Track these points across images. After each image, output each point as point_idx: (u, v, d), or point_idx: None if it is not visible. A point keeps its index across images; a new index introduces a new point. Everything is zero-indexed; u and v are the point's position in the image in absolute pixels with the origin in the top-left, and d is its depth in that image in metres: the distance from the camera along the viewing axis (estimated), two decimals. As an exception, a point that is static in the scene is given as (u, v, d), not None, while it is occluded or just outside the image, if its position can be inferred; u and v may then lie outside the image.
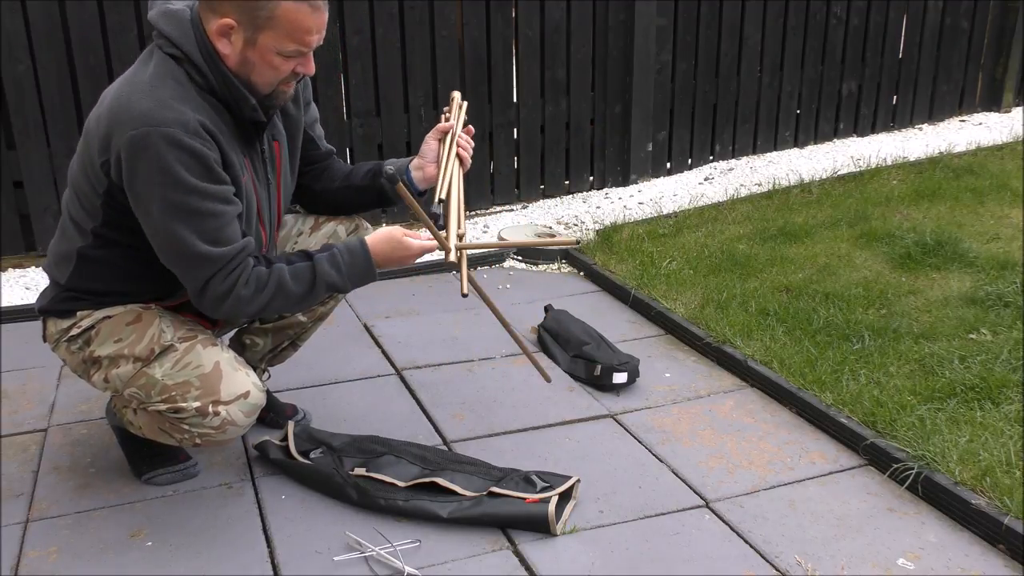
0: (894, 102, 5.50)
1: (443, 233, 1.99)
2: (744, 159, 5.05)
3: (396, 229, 1.98)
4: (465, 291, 1.92)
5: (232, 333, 2.40)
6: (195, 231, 1.80)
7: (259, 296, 1.88)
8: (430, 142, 2.18)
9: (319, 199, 2.27)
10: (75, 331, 1.97)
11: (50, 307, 2.00)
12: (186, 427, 1.93)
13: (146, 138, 1.73)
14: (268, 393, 2.49)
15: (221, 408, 1.90)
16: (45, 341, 2.06)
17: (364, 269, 1.96)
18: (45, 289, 2.05)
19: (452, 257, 1.94)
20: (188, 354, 1.92)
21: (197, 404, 1.90)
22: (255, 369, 2.39)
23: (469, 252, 2.14)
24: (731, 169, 4.89)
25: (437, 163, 2.15)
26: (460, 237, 2.00)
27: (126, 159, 1.76)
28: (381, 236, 1.98)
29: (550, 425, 2.48)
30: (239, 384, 1.93)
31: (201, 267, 1.83)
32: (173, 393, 1.90)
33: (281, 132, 2.09)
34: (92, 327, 1.96)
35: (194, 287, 1.87)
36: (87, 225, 1.91)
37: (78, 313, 1.97)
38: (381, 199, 2.23)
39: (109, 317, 1.96)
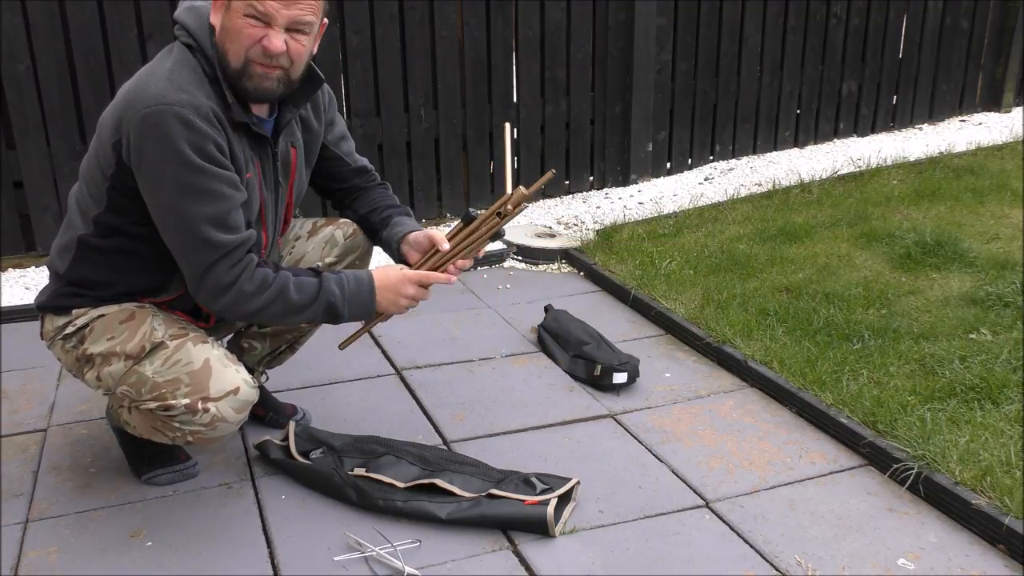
0: (894, 102, 5.50)
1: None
2: (744, 159, 5.05)
3: (407, 274, 2.03)
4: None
5: (231, 336, 2.40)
6: (202, 213, 1.80)
7: (260, 296, 1.87)
8: (429, 240, 2.14)
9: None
10: (70, 329, 1.97)
11: (48, 303, 2.00)
12: (177, 425, 1.92)
13: (158, 116, 1.75)
14: (268, 394, 2.49)
15: (211, 405, 1.89)
16: (42, 338, 2.06)
17: (367, 300, 1.99)
18: (45, 285, 2.05)
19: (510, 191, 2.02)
20: (178, 351, 1.92)
21: (186, 401, 1.89)
22: (253, 372, 2.39)
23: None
24: (731, 169, 4.89)
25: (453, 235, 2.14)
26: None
27: (135, 137, 1.77)
28: (390, 281, 2.02)
29: (550, 425, 2.48)
30: (229, 380, 1.91)
31: (205, 252, 1.83)
32: (163, 391, 1.90)
33: (299, 140, 2.09)
34: (86, 325, 1.96)
35: (195, 273, 1.86)
36: (91, 213, 1.92)
37: (74, 311, 1.97)
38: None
39: (103, 315, 1.96)
